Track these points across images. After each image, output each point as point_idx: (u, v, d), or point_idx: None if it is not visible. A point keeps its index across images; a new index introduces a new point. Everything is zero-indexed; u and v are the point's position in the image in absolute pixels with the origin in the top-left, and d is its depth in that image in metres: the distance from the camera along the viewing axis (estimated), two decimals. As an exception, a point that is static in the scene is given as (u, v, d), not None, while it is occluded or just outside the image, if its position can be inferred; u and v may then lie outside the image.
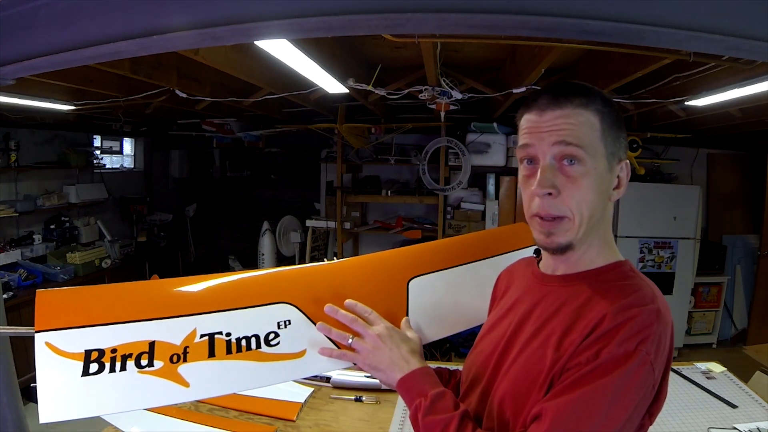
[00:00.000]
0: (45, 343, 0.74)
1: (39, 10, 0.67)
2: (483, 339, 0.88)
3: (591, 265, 0.76)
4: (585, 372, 0.64)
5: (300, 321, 0.88)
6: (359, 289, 0.96)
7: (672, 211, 3.95)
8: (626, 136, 0.77)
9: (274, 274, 0.97)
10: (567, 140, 0.70)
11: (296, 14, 0.57)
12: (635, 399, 0.65)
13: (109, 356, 0.75)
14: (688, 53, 1.75)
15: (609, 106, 0.74)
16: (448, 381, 0.99)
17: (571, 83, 0.75)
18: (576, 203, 0.71)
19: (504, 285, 0.95)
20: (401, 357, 0.82)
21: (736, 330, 4.53)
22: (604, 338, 0.65)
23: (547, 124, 0.71)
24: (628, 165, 0.76)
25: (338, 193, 4.28)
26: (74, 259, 4.18)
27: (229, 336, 0.83)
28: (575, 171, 0.70)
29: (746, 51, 0.60)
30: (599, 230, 0.76)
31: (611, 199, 0.75)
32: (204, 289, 0.88)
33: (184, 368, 0.78)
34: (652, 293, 0.71)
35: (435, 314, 1.01)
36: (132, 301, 0.83)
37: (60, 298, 0.81)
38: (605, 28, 0.55)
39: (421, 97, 2.69)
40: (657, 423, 1.48)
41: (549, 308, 0.76)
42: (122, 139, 5.42)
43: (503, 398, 0.74)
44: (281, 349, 0.85)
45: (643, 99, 2.69)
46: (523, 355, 0.74)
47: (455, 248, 1.14)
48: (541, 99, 0.73)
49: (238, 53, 2.10)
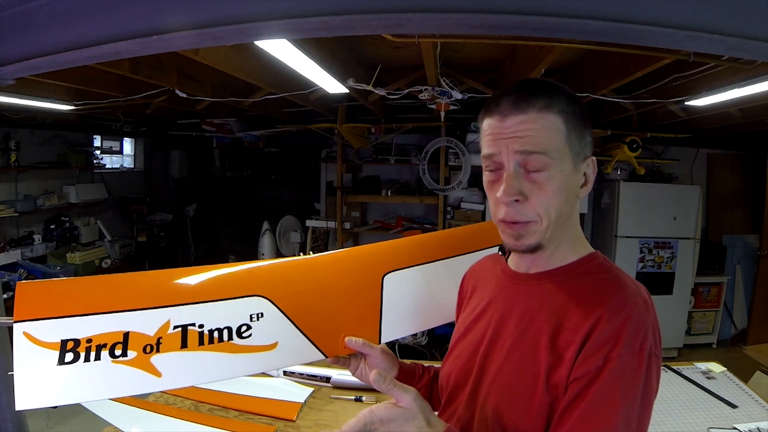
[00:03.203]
0: (23, 332, 0.76)
1: (39, 10, 0.67)
2: (459, 343, 0.86)
3: (564, 261, 0.76)
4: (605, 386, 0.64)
5: (273, 314, 0.89)
6: (333, 284, 0.97)
7: (672, 211, 3.95)
8: (591, 131, 0.75)
9: (250, 269, 0.97)
10: (530, 148, 0.68)
11: (296, 14, 0.57)
12: (654, 393, 0.67)
13: (84, 346, 0.77)
14: (688, 53, 1.75)
15: (574, 104, 0.71)
16: (420, 377, 0.99)
17: (533, 82, 0.73)
18: (543, 208, 0.70)
19: (471, 284, 0.93)
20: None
21: (736, 330, 4.53)
22: (607, 342, 0.65)
23: (510, 130, 0.69)
24: (594, 161, 0.75)
25: (338, 193, 4.28)
26: (74, 259, 4.19)
27: (202, 327, 0.84)
28: (541, 177, 0.69)
29: (746, 51, 0.60)
30: (568, 227, 0.75)
31: (579, 197, 0.75)
32: (180, 282, 0.89)
33: (156, 359, 0.80)
34: (635, 285, 0.71)
35: (409, 309, 1.03)
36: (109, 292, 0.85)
37: (39, 290, 0.83)
38: (605, 28, 0.55)
39: (421, 97, 2.69)
40: (657, 423, 1.48)
41: (530, 308, 0.75)
42: (122, 139, 5.43)
43: (498, 405, 0.72)
44: (253, 341, 0.86)
45: (643, 99, 2.69)
46: (512, 360, 0.73)
47: (431, 244, 1.15)
48: (503, 103, 0.70)
49: (238, 53, 2.10)
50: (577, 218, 0.78)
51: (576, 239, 0.77)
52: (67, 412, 2.82)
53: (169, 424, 1.43)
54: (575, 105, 0.72)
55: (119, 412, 1.43)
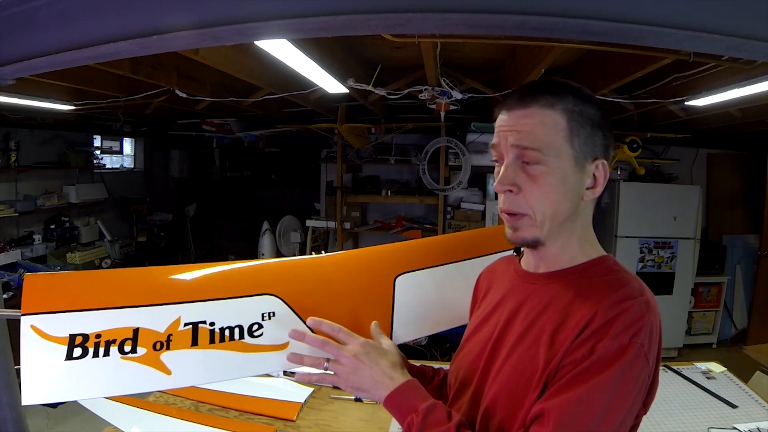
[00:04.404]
0: (31, 326, 0.74)
1: (39, 10, 0.67)
2: (469, 341, 0.87)
3: (573, 262, 0.76)
4: (582, 369, 0.64)
5: (284, 313, 0.88)
6: (345, 284, 0.96)
7: (672, 211, 3.95)
8: (607, 134, 0.74)
9: (261, 266, 0.97)
10: (524, 144, 0.70)
11: (296, 14, 0.57)
12: (634, 391, 0.65)
13: (93, 341, 0.76)
14: (688, 53, 1.75)
15: (584, 105, 0.72)
16: (431, 379, 0.98)
17: (543, 82, 0.75)
18: (537, 201, 0.71)
19: (485, 284, 0.94)
20: (383, 374, 0.79)
21: (736, 330, 4.53)
22: (597, 333, 0.65)
23: (510, 123, 0.73)
24: (605, 164, 0.75)
25: (338, 193, 4.28)
26: (74, 259, 4.19)
27: (213, 325, 0.83)
28: (535, 170, 0.71)
29: (746, 51, 0.60)
30: (574, 228, 0.76)
31: (585, 198, 0.75)
32: (191, 279, 0.88)
33: (166, 356, 0.79)
34: (639, 286, 0.71)
35: (421, 311, 1.01)
36: (118, 287, 0.84)
37: (48, 283, 0.82)
38: (605, 28, 0.55)
39: (421, 97, 2.69)
40: (657, 423, 1.49)
41: (536, 307, 0.75)
42: (122, 139, 5.43)
43: (496, 399, 0.73)
44: (264, 340, 0.85)
45: (643, 99, 2.69)
46: (514, 356, 0.74)
47: (444, 246, 1.14)
48: (511, 98, 0.74)
49: (238, 53, 2.10)
50: (587, 220, 0.78)
51: (586, 241, 0.78)
52: (67, 412, 2.82)
53: (169, 424, 1.43)
54: (585, 105, 0.72)
55: (119, 412, 1.43)
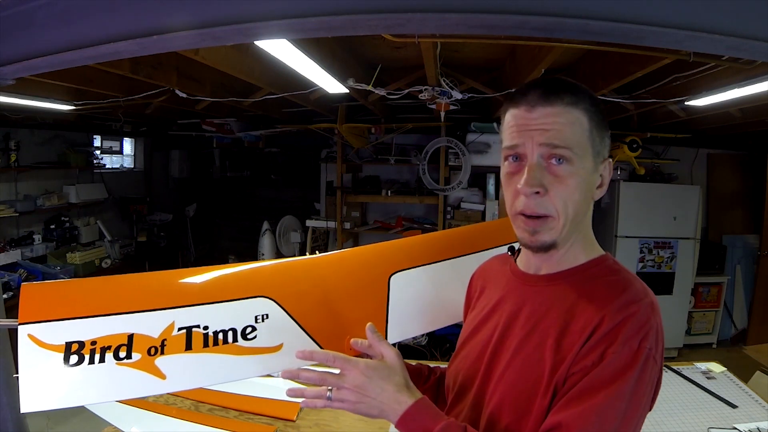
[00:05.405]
0: (27, 335, 0.76)
1: (39, 10, 0.67)
2: (467, 343, 0.86)
3: (575, 263, 0.76)
4: (595, 377, 0.64)
5: (278, 315, 0.88)
6: (339, 284, 0.96)
7: (672, 211, 3.95)
8: (610, 134, 0.76)
9: (254, 269, 0.96)
10: (555, 142, 0.68)
11: (296, 14, 0.57)
12: (646, 395, 0.66)
13: (89, 348, 0.77)
14: (688, 53, 1.75)
15: (596, 105, 0.72)
16: (427, 378, 0.98)
17: (560, 79, 0.73)
18: (562, 202, 0.69)
19: (479, 285, 0.92)
20: (390, 399, 0.74)
21: (736, 330, 4.53)
22: (606, 339, 0.65)
23: (537, 121, 0.69)
24: (611, 164, 0.76)
25: (338, 193, 4.28)
26: (74, 259, 4.19)
27: (207, 329, 0.84)
28: (563, 170, 0.69)
29: (746, 51, 0.60)
30: (582, 228, 0.75)
31: (594, 198, 0.75)
32: (184, 283, 0.89)
33: (161, 361, 0.80)
34: (642, 287, 0.71)
35: (416, 310, 1.01)
36: (113, 293, 0.84)
37: (44, 292, 0.83)
38: (605, 28, 0.56)
39: (421, 97, 2.69)
40: (657, 423, 1.48)
41: (538, 309, 0.74)
42: (122, 139, 5.43)
43: (501, 404, 0.72)
44: (258, 342, 0.86)
45: (643, 99, 2.69)
46: (518, 359, 0.73)
47: (438, 243, 1.14)
48: (531, 94, 0.70)
49: (238, 53, 2.10)
50: (590, 219, 0.78)
51: (587, 241, 0.78)
52: (67, 412, 2.82)
53: (169, 424, 1.43)
54: (597, 106, 0.73)
55: (119, 412, 1.43)
